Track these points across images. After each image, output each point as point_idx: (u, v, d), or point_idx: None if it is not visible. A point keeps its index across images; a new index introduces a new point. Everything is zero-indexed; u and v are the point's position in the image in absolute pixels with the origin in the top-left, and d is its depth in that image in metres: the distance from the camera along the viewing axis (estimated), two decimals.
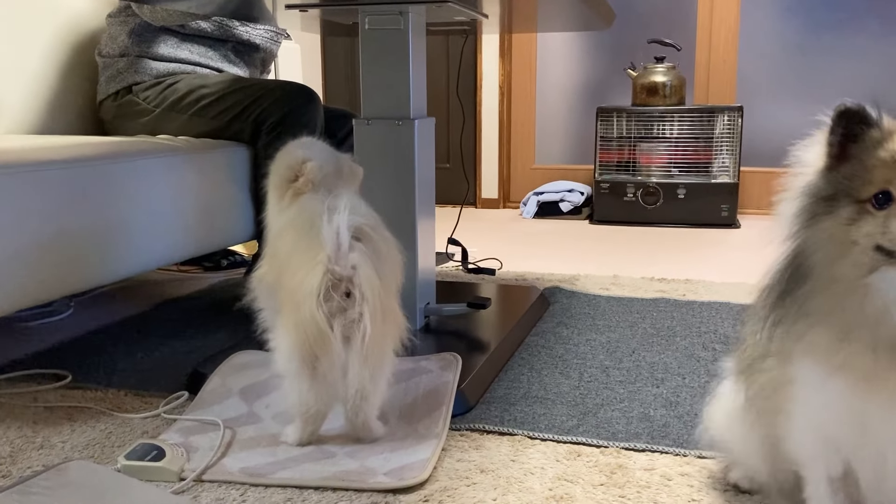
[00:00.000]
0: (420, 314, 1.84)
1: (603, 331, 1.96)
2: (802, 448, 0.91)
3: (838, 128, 0.80)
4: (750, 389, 1.00)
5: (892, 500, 0.88)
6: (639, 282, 2.51)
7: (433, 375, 1.53)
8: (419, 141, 1.77)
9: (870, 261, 0.77)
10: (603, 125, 3.87)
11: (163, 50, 2.25)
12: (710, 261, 2.91)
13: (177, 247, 1.91)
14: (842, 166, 0.80)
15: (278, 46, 2.55)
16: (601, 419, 1.42)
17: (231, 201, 2.09)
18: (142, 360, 1.77)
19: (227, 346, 1.76)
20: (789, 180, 0.86)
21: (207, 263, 2.72)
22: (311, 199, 1.32)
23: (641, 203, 3.80)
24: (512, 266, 2.80)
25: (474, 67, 4.39)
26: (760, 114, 3.90)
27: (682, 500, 1.14)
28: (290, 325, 1.22)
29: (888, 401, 0.79)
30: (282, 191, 1.37)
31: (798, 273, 0.82)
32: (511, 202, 4.47)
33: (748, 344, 1.00)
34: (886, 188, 0.76)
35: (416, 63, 1.79)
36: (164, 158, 1.86)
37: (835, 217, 0.79)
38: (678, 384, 1.59)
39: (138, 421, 1.43)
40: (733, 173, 3.71)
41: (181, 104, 2.18)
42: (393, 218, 1.78)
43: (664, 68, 3.81)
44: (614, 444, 1.31)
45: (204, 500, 1.15)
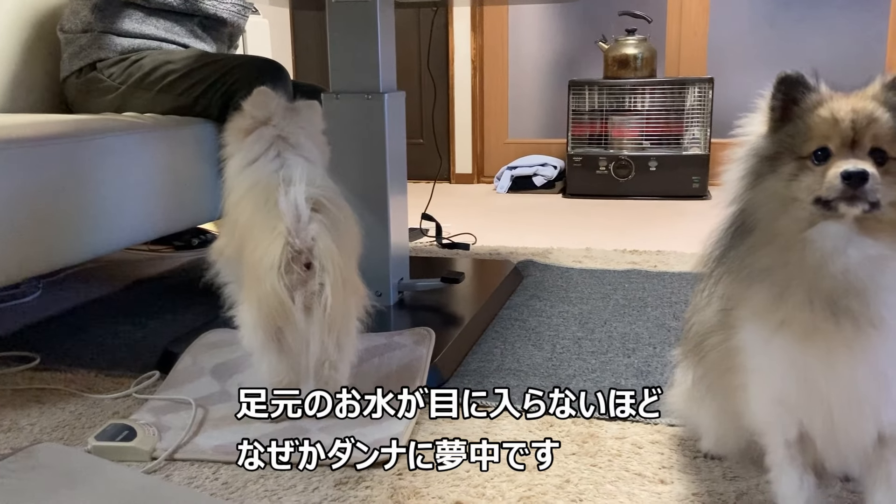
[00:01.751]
0: (394, 289, 1.83)
1: (575, 303, 1.97)
2: (759, 416, 0.94)
3: (779, 93, 0.85)
4: (699, 368, 1.03)
5: (846, 456, 0.91)
6: (611, 254, 2.52)
7: (406, 350, 1.53)
8: (389, 115, 1.76)
9: (809, 216, 0.81)
10: (575, 99, 3.87)
11: (127, 25, 2.20)
12: (681, 232, 2.94)
13: (145, 226, 1.88)
14: (785, 127, 0.85)
15: (246, 20, 2.51)
16: (574, 390, 1.43)
17: (200, 179, 2.06)
18: (112, 341, 1.75)
19: (198, 325, 1.75)
20: (736, 149, 0.90)
21: (178, 242, 2.69)
22: (265, 164, 1.32)
23: (614, 176, 3.81)
24: (486, 240, 2.81)
25: (446, 41, 4.36)
26: (731, 86, 3.92)
27: (653, 467, 1.16)
28: (252, 298, 1.22)
29: (827, 353, 0.83)
30: (239, 138, 1.38)
31: (741, 230, 0.86)
32: (485, 177, 4.47)
33: (693, 323, 1.04)
34: (825, 144, 0.81)
35: (385, 36, 1.77)
36: (130, 136, 1.83)
37: (778, 175, 0.84)
38: (649, 354, 1.61)
39: (109, 401, 1.42)
40: (704, 145, 3.73)
41: (147, 81, 2.13)
42: (364, 194, 1.77)
43: (635, 41, 3.80)
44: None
45: (176, 479, 1.14)
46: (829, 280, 0.81)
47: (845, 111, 0.81)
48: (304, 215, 1.19)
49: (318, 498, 1.09)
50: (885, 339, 0.81)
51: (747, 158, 0.88)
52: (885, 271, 0.80)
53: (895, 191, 0.80)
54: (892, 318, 0.80)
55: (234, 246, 1.31)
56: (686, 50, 4.10)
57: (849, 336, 0.81)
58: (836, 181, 0.78)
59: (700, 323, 1.02)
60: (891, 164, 0.80)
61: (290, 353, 1.25)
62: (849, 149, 0.80)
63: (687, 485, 1.11)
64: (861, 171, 0.77)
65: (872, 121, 0.80)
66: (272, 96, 1.40)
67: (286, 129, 1.36)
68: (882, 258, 0.80)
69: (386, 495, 1.09)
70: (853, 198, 0.78)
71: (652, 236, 2.87)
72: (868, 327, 0.80)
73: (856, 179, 0.77)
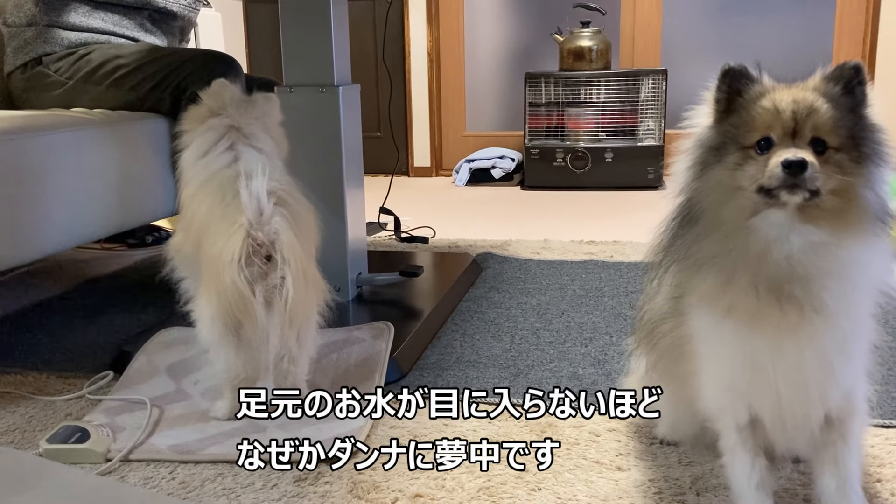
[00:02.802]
0: (352, 284, 1.83)
1: (534, 294, 1.99)
2: (711, 402, 0.96)
3: (723, 85, 0.88)
4: (652, 355, 1.05)
5: (795, 439, 0.93)
6: (568, 245, 2.54)
7: (365, 345, 1.52)
8: (344, 108, 1.75)
9: (753, 204, 0.83)
10: (531, 91, 3.89)
11: (74, 19, 2.15)
12: (637, 222, 2.97)
13: (97, 224, 1.84)
14: (729, 118, 0.87)
15: (197, 14, 2.47)
16: (532, 380, 1.44)
17: (152, 175, 2.03)
18: (64, 342, 1.72)
19: (153, 323, 1.72)
20: (684, 141, 0.92)
21: (131, 240, 2.64)
22: (218, 156, 1.30)
23: (571, 168, 3.84)
24: (445, 234, 2.81)
25: (402, 33, 4.34)
26: (684, 77, 3.97)
27: (610, 454, 1.17)
28: (211, 292, 1.20)
29: (774, 338, 0.85)
30: (194, 128, 1.36)
31: (688, 219, 0.88)
32: (444, 170, 4.47)
33: (645, 311, 1.05)
34: (767, 134, 0.83)
35: (339, 28, 1.76)
36: (79, 132, 1.79)
37: (723, 164, 0.86)
38: (606, 343, 1.63)
39: (61, 403, 1.39)
40: (659, 136, 3.78)
41: (96, 75, 2.09)
42: (321, 188, 1.76)
43: (590, 33, 3.83)
44: None
45: (132, 480, 1.13)
46: (772, 267, 0.83)
47: (787, 102, 0.83)
48: (267, 209, 1.18)
49: (278, 495, 1.08)
50: (828, 324, 0.83)
51: (694, 149, 0.90)
52: (827, 258, 0.82)
53: (835, 180, 0.82)
54: (834, 303, 0.82)
55: (191, 240, 1.29)
56: (640, 42, 4.14)
57: (793, 322, 0.83)
58: (777, 170, 0.80)
59: (652, 311, 1.04)
60: (830, 153, 0.82)
61: (249, 348, 1.23)
62: (790, 138, 0.82)
63: (643, 471, 1.12)
64: (800, 160, 0.79)
65: (813, 111, 0.82)
66: (228, 87, 1.38)
67: (240, 120, 1.35)
68: (823, 245, 0.82)
69: (346, 490, 1.09)
70: (794, 186, 0.80)
71: (608, 227, 2.90)
72: (812, 313, 0.82)
73: (796, 168, 0.79)
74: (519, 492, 1.08)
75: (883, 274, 0.86)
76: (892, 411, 1.27)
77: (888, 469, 1.10)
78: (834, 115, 0.82)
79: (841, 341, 0.85)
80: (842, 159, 0.82)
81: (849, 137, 0.83)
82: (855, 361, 0.89)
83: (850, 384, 0.89)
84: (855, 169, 0.82)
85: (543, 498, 1.06)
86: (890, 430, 1.22)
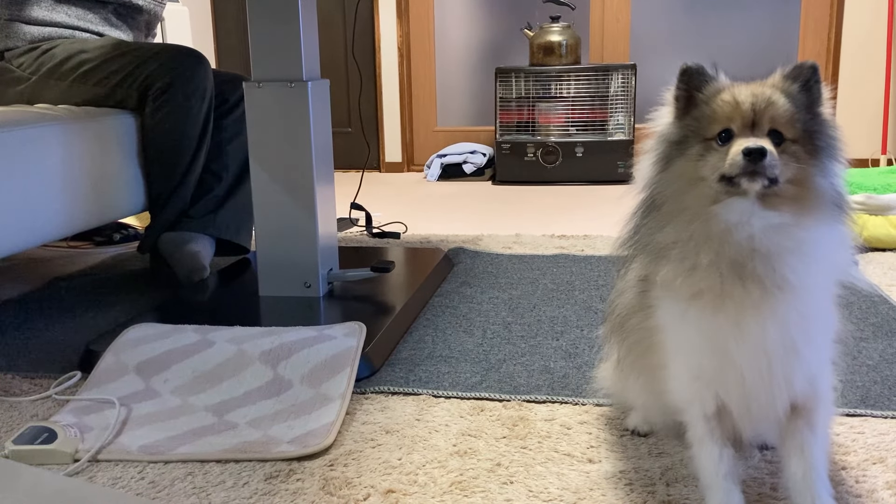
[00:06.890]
0: (323, 280, 1.82)
1: (505, 288, 1.99)
2: (679, 393, 0.97)
3: (682, 83, 0.91)
4: (623, 348, 1.06)
5: (761, 426, 0.95)
6: (540, 239, 2.55)
7: (336, 342, 1.51)
8: (314, 103, 1.74)
9: (714, 193, 0.86)
10: (502, 86, 3.89)
11: (36, 13, 2.11)
12: (607, 216, 2.99)
13: (63, 221, 1.82)
14: (690, 113, 0.90)
15: (163, 8, 2.43)
16: (504, 374, 1.45)
17: (119, 172, 2.00)
18: (30, 342, 1.69)
19: (120, 321, 1.70)
20: (647, 140, 0.95)
21: (98, 238, 2.61)
22: None
23: (542, 162, 3.86)
24: (417, 229, 2.81)
25: (372, 28, 4.32)
26: (653, 72, 4.00)
27: (581, 447, 1.18)
28: None
29: (737, 318, 0.87)
30: None
31: (651, 208, 0.92)
32: (415, 165, 4.46)
33: (616, 304, 1.07)
34: (728, 126, 0.86)
35: (307, 22, 1.74)
36: (44, 128, 1.76)
37: (686, 157, 0.89)
38: (577, 336, 1.64)
39: (27, 404, 1.37)
40: (629, 131, 3.80)
41: (60, 71, 2.05)
42: (290, 184, 1.75)
43: (560, 28, 3.85)
44: (516, 398, 1.34)
45: (100, 481, 1.11)
46: (734, 247, 0.85)
47: (746, 95, 0.87)
48: None
49: (248, 493, 1.07)
50: (791, 301, 0.86)
51: (657, 145, 0.93)
52: (788, 236, 0.85)
53: (792, 168, 0.85)
54: (795, 279, 0.85)
55: None
56: (609, 37, 4.17)
57: (756, 299, 0.85)
58: (738, 157, 0.83)
59: (622, 305, 1.05)
60: (787, 144, 0.86)
61: None
62: (749, 130, 0.86)
63: (614, 462, 1.13)
64: (760, 148, 0.83)
65: (770, 104, 0.86)
66: None
67: None
68: (784, 226, 0.85)
69: (318, 486, 1.08)
70: (754, 173, 0.83)
71: (579, 221, 2.92)
72: (774, 289, 0.85)
73: (756, 155, 0.82)
74: (491, 485, 1.08)
75: (843, 256, 0.89)
76: (857, 400, 1.30)
77: (853, 457, 1.12)
78: (791, 109, 0.86)
79: (803, 319, 0.88)
80: (797, 151, 0.86)
81: (804, 131, 0.86)
82: (818, 343, 0.91)
83: (815, 370, 0.91)
84: (810, 160, 0.86)
85: (515, 491, 1.07)
86: (855, 418, 1.24)
